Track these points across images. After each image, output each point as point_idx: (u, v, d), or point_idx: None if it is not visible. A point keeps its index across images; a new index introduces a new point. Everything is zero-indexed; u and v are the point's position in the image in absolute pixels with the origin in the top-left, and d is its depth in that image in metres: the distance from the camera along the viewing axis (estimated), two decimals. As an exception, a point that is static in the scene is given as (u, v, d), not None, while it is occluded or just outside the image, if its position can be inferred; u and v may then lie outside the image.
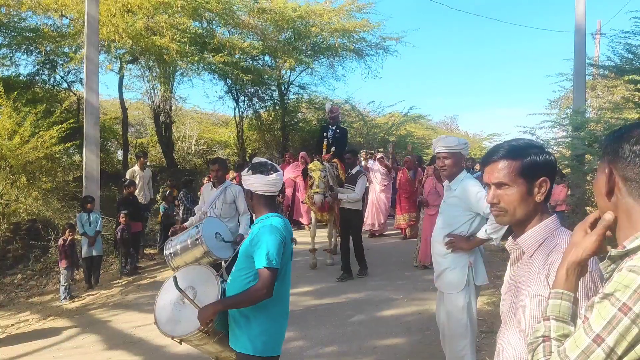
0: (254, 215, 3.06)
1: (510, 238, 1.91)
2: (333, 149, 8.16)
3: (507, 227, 3.71)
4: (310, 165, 8.06)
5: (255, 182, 2.90)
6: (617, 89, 14.10)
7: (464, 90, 70.89)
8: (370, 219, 11.22)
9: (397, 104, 31.99)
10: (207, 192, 6.21)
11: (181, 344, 2.88)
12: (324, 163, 7.87)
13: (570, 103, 14.08)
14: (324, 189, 7.59)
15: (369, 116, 23.54)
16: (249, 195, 2.98)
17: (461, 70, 72.35)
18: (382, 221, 11.35)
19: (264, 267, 2.71)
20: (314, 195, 7.53)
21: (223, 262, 3.72)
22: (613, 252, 1.25)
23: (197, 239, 4.96)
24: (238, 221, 5.94)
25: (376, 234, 11.29)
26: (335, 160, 8.26)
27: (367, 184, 9.91)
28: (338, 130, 8.60)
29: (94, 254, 8.37)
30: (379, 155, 12.17)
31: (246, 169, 2.98)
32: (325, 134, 8.54)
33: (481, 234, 3.76)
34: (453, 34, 70.94)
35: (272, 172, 2.93)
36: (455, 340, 3.88)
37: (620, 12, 33.41)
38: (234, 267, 2.99)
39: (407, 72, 65.68)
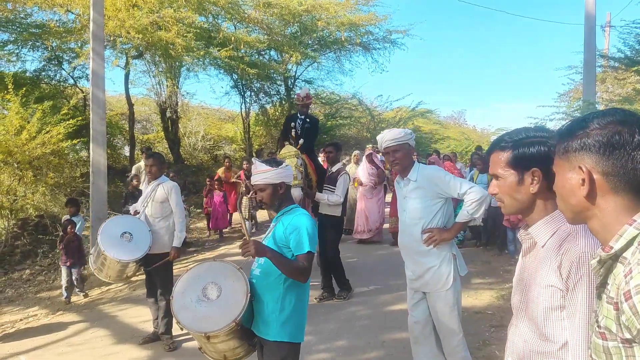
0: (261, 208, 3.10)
1: (522, 228, 1.88)
2: (301, 141, 6.77)
3: (487, 204, 3.68)
4: (282, 151, 6.71)
5: (289, 174, 3.08)
6: (628, 82, 13.97)
7: (471, 84, 70.65)
8: (361, 226, 10.23)
9: (404, 98, 31.90)
10: (144, 188, 5.79)
11: (209, 340, 2.84)
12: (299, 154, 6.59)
13: (579, 96, 13.99)
14: (301, 180, 6.35)
15: (376, 111, 23.51)
16: (280, 188, 3.04)
17: (469, 63, 72.05)
18: (373, 227, 10.22)
19: (308, 251, 2.88)
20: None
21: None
22: (603, 255, 1.22)
23: (96, 241, 4.90)
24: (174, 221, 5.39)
25: (367, 242, 10.15)
26: (303, 156, 6.83)
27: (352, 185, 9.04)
28: (308, 120, 7.11)
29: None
30: (368, 151, 11.01)
31: (274, 166, 3.04)
32: (292, 124, 7.05)
33: (462, 217, 3.65)
34: (460, 26, 70.66)
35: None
36: (449, 338, 3.76)
37: (630, 4, 33.07)
38: (262, 260, 2.99)
39: (414, 66, 65.62)
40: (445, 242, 3.66)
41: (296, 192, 6.08)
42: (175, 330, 5.04)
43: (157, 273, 5.31)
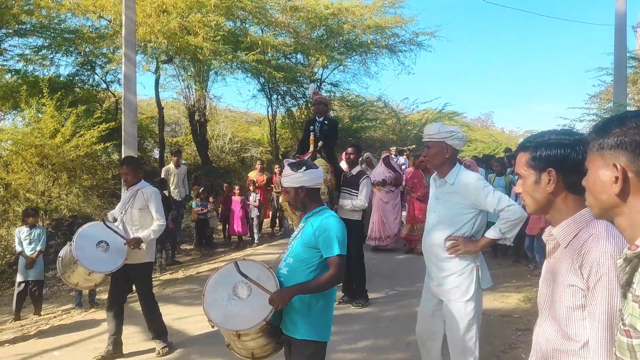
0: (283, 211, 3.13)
1: (546, 230, 1.91)
2: (320, 143, 6.70)
3: (521, 224, 3.42)
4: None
5: (311, 177, 3.06)
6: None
7: (500, 85, 69.53)
8: (376, 232, 9.78)
9: (432, 101, 31.66)
10: (123, 194, 5.40)
11: (239, 338, 2.92)
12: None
13: (610, 97, 13.72)
14: (327, 194, 6.34)
15: (402, 113, 23.41)
16: (301, 192, 3.07)
17: (497, 65, 70.94)
18: (389, 234, 9.77)
19: (338, 254, 2.90)
20: None
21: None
22: (629, 253, 1.24)
23: (70, 248, 4.59)
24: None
25: (382, 249, 9.72)
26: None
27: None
28: (326, 122, 6.93)
29: (31, 277, 7.06)
30: (385, 154, 10.62)
31: (294, 169, 3.07)
32: (311, 127, 6.95)
33: (493, 234, 3.38)
34: (488, 27, 69.66)
35: (317, 167, 3.19)
36: (463, 357, 3.46)
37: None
38: (290, 259, 3.06)
39: (441, 67, 64.96)
40: (469, 253, 3.44)
41: None
42: (204, 328, 5.14)
43: (135, 280, 5.16)
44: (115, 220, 5.17)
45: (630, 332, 1.20)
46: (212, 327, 2.99)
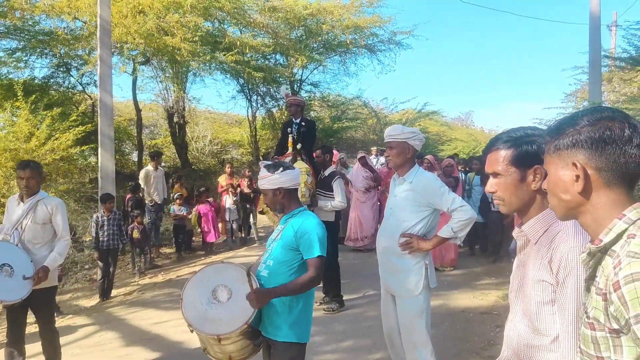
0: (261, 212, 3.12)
1: (517, 226, 1.92)
2: (299, 146, 6.66)
3: (471, 225, 3.58)
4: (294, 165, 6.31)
5: (288, 178, 3.05)
6: (634, 81, 13.94)
7: (478, 85, 70.25)
8: (354, 233, 9.68)
9: (410, 100, 31.90)
10: (13, 206, 4.44)
11: (220, 342, 2.88)
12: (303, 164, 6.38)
13: (586, 96, 13.94)
14: (309, 197, 6.30)
15: (382, 113, 23.53)
16: (279, 193, 3.05)
17: (475, 64, 71.68)
18: (367, 234, 9.61)
19: (318, 255, 2.91)
20: None
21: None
22: (592, 247, 1.26)
23: None
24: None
25: (362, 250, 9.55)
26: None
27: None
28: (304, 124, 6.87)
29: None
30: (360, 154, 10.48)
31: (271, 171, 3.04)
32: (289, 129, 6.86)
33: (445, 233, 3.53)
34: (465, 27, 70.37)
35: (294, 167, 3.19)
36: (417, 350, 3.59)
37: (635, 3, 32.89)
38: (270, 262, 3.03)
39: (420, 68, 65.27)
40: (422, 250, 3.57)
41: None
42: (184, 332, 5.08)
43: (37, 307, 4.37)
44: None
45: (594, 325, 1.22)
46: (192, 331, 2.95)
